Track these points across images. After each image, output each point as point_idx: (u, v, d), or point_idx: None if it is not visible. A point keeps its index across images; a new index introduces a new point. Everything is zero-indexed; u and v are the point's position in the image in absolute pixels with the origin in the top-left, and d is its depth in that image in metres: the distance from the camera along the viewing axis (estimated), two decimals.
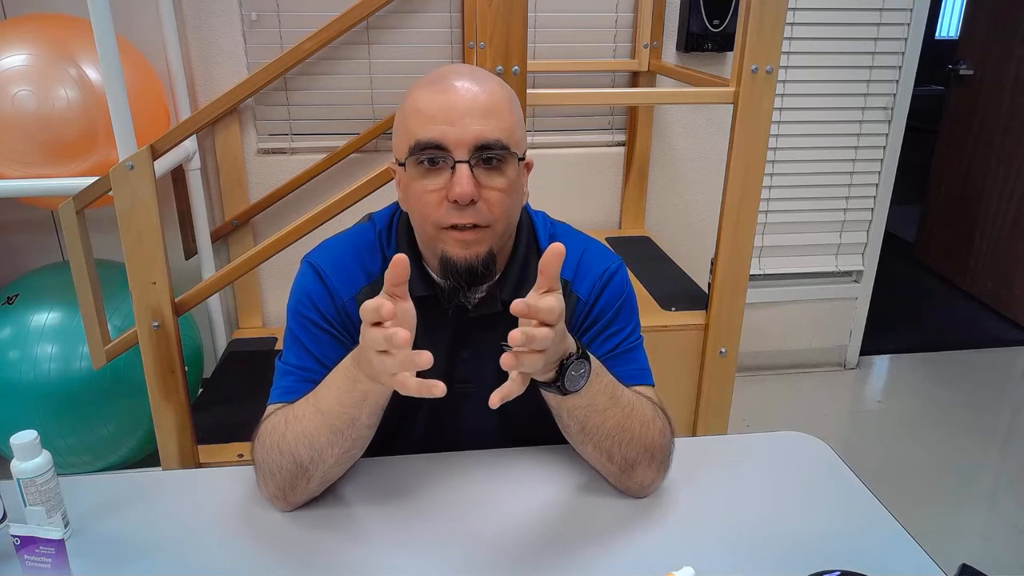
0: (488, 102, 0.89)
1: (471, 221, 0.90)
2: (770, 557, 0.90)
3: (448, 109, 0.88)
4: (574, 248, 1.03)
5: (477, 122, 0.88)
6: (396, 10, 2.19)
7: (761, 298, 2.76)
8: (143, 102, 1.88)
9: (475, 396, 0.99)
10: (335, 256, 1.02)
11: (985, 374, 2.93)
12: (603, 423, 0.93)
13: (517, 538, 0.93)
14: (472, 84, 0.90)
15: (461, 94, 0.89)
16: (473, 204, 0.89)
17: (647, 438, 0.95)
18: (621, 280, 1.05)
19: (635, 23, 2.32)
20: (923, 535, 0.95)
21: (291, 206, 2.30)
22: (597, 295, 1.02)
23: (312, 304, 0.99)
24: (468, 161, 0.88)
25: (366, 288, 1.00)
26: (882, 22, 2.52)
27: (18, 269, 2.15)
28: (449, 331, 1.01)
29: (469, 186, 0.87)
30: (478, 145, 0.88)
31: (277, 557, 0.90)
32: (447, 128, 0.88)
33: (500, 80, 0.95)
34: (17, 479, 0.88)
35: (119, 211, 1.49)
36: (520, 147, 0.94)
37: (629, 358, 1.04)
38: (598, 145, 2.45)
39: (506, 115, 0.90)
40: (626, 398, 0.94)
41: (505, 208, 0.92)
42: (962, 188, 3.57)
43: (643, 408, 0.96)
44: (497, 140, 0.89)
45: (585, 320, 1.03)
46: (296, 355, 0.99)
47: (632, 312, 1.05)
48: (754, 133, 1.59)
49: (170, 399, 1.62)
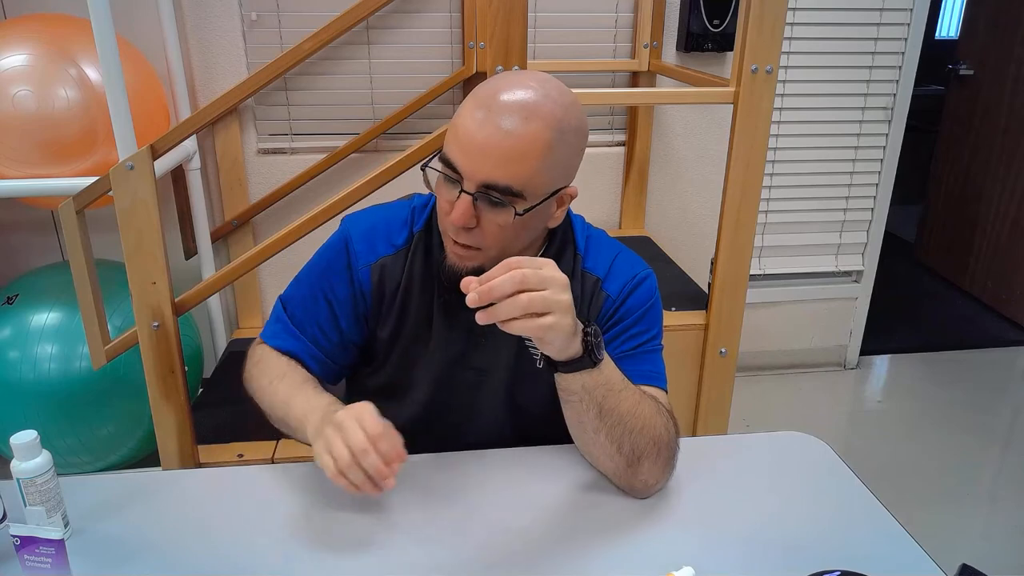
0: (513, 148, 0.89)
1: (465, 242, 0.95)
2: (770, 557, 0.90)
3: (473, 143, 0.90)
4: (608, 251, 1.09)
5: (492, 166, 0.90)
6: (396, 10, 2.19)
7: (761, 298, 2.76)
8: (143, 102, 1.88)
9: (486, 380, 1.08)
10: (367, 224, 1.08)
11: (985, 374, 2.93)
12: (619, 404, 0.94)
13: (517, 538, 0.93)
14: (506, 125, 0.89)
15: (491, 133, 0.89)
16: (469, 229, 0.93)
17: (655, 429, 0.97)
18: (651, 287, 1.08)
19: (635, 23, 2.32)
20: (923, 535, 0.95)
21: (291, 206, 2.30)
22: (626, 296, 1.06)
23: (329, 269, 1.08)
24: (473, 194, 0.91)
25: (384, 259, 1.06)
26: (882, 22, 2.52)
27: (18, 269, 2.15)
28: (470, 315, 1.03)
29: (463, 218, 0.92)
30: (485, 184, 0.91)
31: (277, 557, 0.90)
32: (464, 159, 0.91)
33: (551, 111, 0.91)
34: (17, 479, 0.88)
35: (119, 211, 1.49)
36: (541, 192, 0.94)
37: (647, 359, 1.07)
38: (598, 145, 2.45)
39: (531, 163, 0.90)
40: (635, 387, 0.97)
41: (501, 239, 0.95)
42: (962, 188, 3.57)
43: (650, 401, 0.99)
44: (507, 187, 0.90)
45: (612, 317, 1.06)
46: (297, 301, 1.09)
47: (657, 319, 1.08)
48: (754, 133, 1.59)
49: (170, 399, 1.62)
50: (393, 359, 1.10)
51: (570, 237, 1.08)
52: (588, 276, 1.07)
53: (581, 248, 1.08)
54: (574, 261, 1.07)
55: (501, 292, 0.81)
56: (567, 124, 0.92)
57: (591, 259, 1.08)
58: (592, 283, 1.06)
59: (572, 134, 0.94)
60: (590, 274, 1.07)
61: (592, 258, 1.08)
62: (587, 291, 1.06)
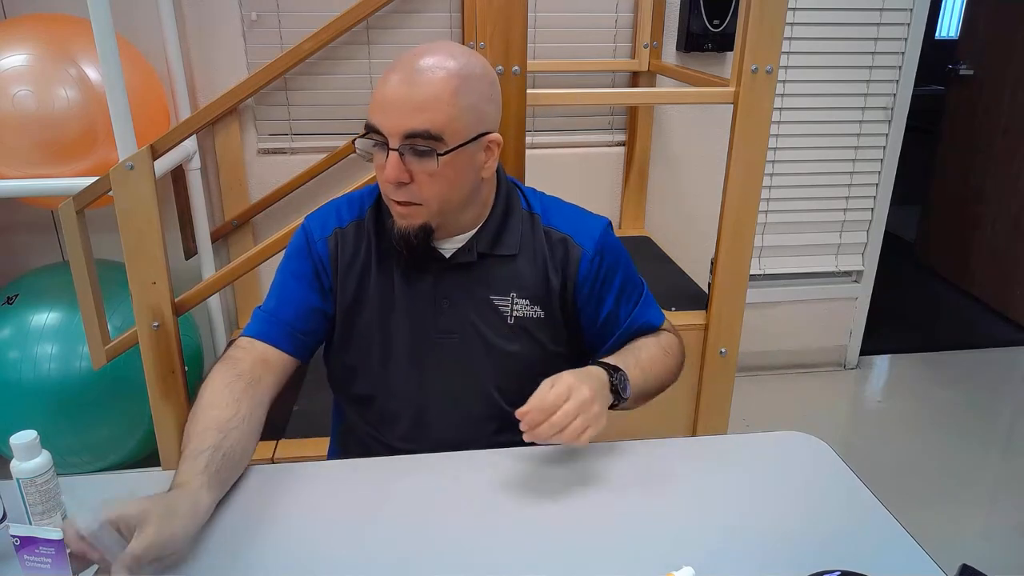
0: (423, 95, 0.97)
1: (403, 199, 1.02)
2: (770, 557, 0.90)
3: (387, 100, 0.98)
4: (570, 211, 1.17)
5: (407, 116, 0.97)
6: (396, 10, 2.19)
7: (761, 298, 2.76)
8: (143, 102, 1.88)
9: (458, 342, 1.12)
10: (321, 210, 1.16)
11: (985, 374, 2.93)
12: (646, 387, 1.13)
13: (516, 538, 0.93)
14: (416, 75, 0.97)
15: (400, 87, 0.97)
16: (404, 185, 1.00)
17: (669, 373, 1.19)
18: (613, 236, 1.19)
19: (635, 23, 2.32)
20: (923, 535, 0.95)
21: (291, 206, 2.30)
22: (603, 247, 1.14)
23: (291, 256, 1.14)
24: (398, 149, 0.98)
25: (337, 230, 1.12)
26: (882, 22, 2.52)
27: (18, 269, 2.15)
28: (429, 280, 1.11)
29: (394, 172, 0.99)
30: (407, 134, 0.97)
31: (277, 557, 0.90)
32: (383, 118, 0.99)
33: (456, 64, 0.99)
34: (17, 479, 0.88)
35: (119, 211, 1.49)
36: (461, 135, 1.00)
37: (646, 311, 1.20)
38: (598, 145, 2.45)
39: (443, 107, 0.97)
40: (647, 359, 1.14)
41: (436, 190, 1.01)
42: (962, 188, 3.57)
43: (658, 353, 1.17)
44: (425, 130, 0.97)
45: (595, 272, 1.13)
46: (269, 297, 1.14)
47: (630, 262, 1.21)
48: (754, 133, 1.59)
49: (170, 399, 1.62)
50: (361, 330, 1.13)
51: (515, 197, 1.14)
52: (554, 233, 1.13)
53: (538, 207, 1.14)
54: (531, 221, 1.13)
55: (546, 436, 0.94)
56: (469, 71, 1.00)
57: (554, 217, 1.14)
58: (561, 239, 1.13)
59: (476, 80, 1.01)
60: (556, 231, 1.13)
61: (555, 216, 1.14)
62: (557, 248, 1.12)
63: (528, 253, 1.12)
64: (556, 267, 1.12)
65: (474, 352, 1.12)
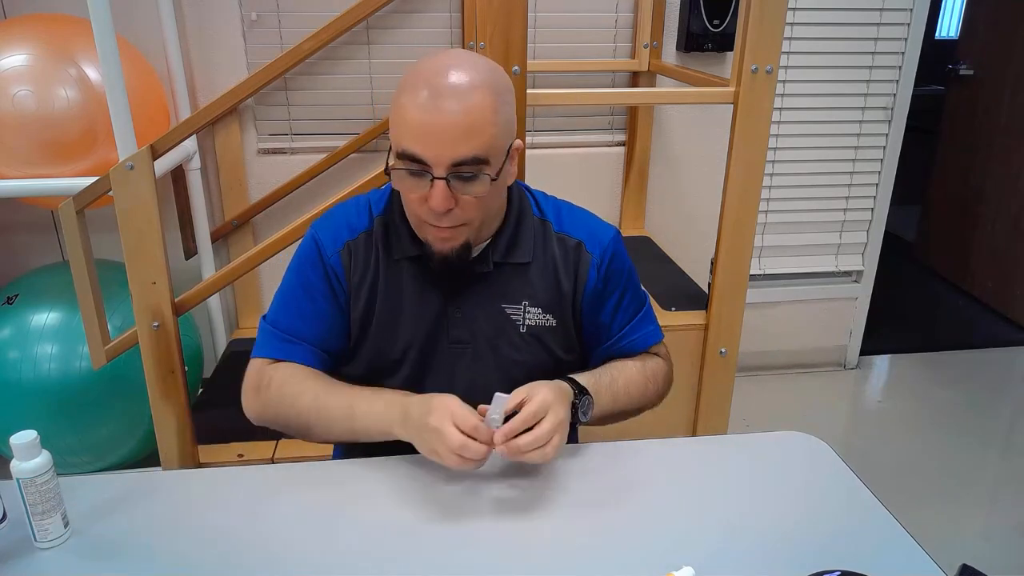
0: (467, 123, 0.93)
1: (448, 224, 1.00)
2: (770, 557, 0.90)
3: (429, 130, 0.93)
4: (582, 216, 1.16)
5: (454, 144, 0.94)
6: (396, 10, 2.19)
7: (761, 298, 2.76)
8: (143, 102, 1.88)
9: (471, 353, 1.11)
10: (329, 220, 1.13)
11: (985, 374, 2.93)
12: (614, 407, 1.13)
13: (517, 538, 0.93)
14: (454, 102, 0.93)
15: (443, 116, 0.93)
16: (449, 212, 0.97)
17: (645, 397, 1.18)
18: (622, 247, 1.17)
19: (635, 23, 2.32)
20: (923, 535, 0.95)
21: (291, 206, 2.30)
22: (611, 256, 1.13)
23: (304, 268, 1.11)
24: (445, 178, 0.95)
25: (349, 242, 1.10)
26: (882, 22, 2.52)
27: (18, 269, 2.15)
28: (441, 291, 1.10)
29: (444, 202, 0.96)
30: (455, 163, 0.95)
31: (277, 557, 0.90)
32: (425, 147, 0.94)
33: (485, 78, 0.96)
34: (17, 479, 0.88)
35: (119, 211, 1.49)
36: (501, 151, 0.99)
37: (644, 324, 1.19)
38: (598, 145, 2.45)
39: (487, 129, 0.95)
40: (622, 384, 1.14)
41: (481, 208, 1.00)
42: (962, 188, 3.57)
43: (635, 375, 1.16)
44: (473, 157, 0.95)
45: (601, 279, 1.13)
46: (283, 312, 1.12)
47: (634, 273, 1.19)
48: (754, 133, 1.59)
49: (170, 399, 1.62)
50: (370, 342, 1.12)
51: (526, 202, 1.13)
52: (568, 239, 1.13)
53: (550, 214, 1.14)
54: (543, 228, 1.13)
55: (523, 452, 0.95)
56: (501, 85, 0.98)
57: (567, 222, 1.14)
58: (574, 246, 1.12)
59: (507, 93, 1.00)
60: (570, 237, 1.13)
61: (568, 222, 1.14)
62: (570, 254, 1.12)
63: (540, 260, 1.11)
64: (568, 272, 1.11)
65: (484, 361, 1.11)
